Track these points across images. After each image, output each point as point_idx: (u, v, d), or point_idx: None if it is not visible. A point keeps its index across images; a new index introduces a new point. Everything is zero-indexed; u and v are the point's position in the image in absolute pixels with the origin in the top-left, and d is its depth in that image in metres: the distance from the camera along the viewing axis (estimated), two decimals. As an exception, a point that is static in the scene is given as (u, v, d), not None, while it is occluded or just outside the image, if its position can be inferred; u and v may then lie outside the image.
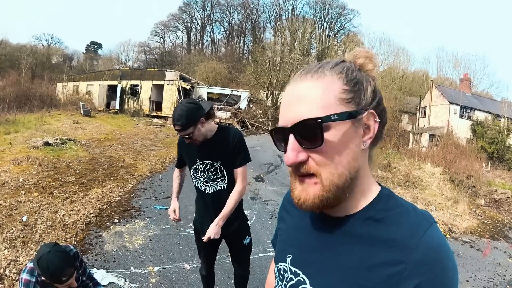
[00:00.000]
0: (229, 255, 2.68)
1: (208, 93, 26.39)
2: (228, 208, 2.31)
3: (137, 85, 25.72)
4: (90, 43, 58.93)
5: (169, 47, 57.54)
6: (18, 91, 20.55)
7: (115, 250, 4.09)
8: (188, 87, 24.84)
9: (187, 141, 2.24)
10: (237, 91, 26.72)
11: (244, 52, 56.20)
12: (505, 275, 5.31)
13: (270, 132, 0.74)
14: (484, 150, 22.07)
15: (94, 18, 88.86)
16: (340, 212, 0.72)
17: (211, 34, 58.06)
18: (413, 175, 11.97)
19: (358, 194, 0.71)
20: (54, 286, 1.93)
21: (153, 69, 29.10)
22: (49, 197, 5.62)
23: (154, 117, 23.68)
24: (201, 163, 2.33)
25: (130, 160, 9.29)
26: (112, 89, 26.24)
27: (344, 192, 0.67)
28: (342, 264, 0.68)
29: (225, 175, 2.34)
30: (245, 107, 25.11)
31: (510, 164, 22.01)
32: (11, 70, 28.20)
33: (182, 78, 25.59)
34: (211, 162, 2.31)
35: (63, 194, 5.84)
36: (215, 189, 2.36)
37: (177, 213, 2.48)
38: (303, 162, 0.67)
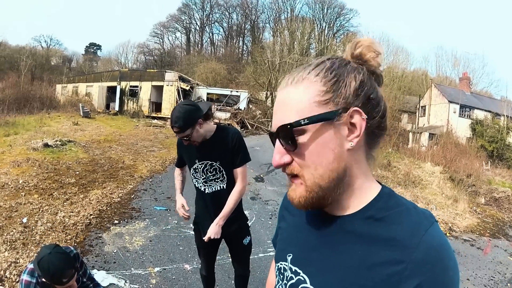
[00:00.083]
0: (229, 255, 2.68)
1: (208, 94, 26.38)
2: (228, 208, 2.31)
3: (137, 86, 25.72)
4: (89, 45, 59.00)
5: (168, 48, 57.66)
6: (18, 93, 20.53)
7: (115, 251, 4.09)
8: (188, 88, 24.85)
9: (186, 143, 2.24)
10: (237, 92, 26.72)
11: (243, 53, 56.29)
12: (506, 273, 5.31)
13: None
14: (484, 149, 22.10)
15: (93, 19, 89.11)
16: (340, 211, 0.72)
17: (210, 35, 58.20)
18: (413, 174, 11.96)
19: (354, 193, 0.70)
20: None
21: (153, 70, 29.08)
22: (49, 199, 5.61)
23: (154, 118, 23.67)
24: (200, 164, 2.33)
25: (130, 161, 9.29)
26: (112, 91, 26.24)
27: (331, 192, 0.68)
28: (343, 263, 0.68)
29: (224, 175, 2.34)
30: (245, 108, 25.11)
31: (510, 163, 22.03)
32: (11, 72, 28.26)
33: (182, 79, 25.59)
34: (210, 163, 2.31)
35: (63, 196, 5.84)
36: (215, 189, 2.36)
37: (186, 207, 2.45)
38: (288, 164, 0.70)
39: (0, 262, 3.56)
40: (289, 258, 0.79)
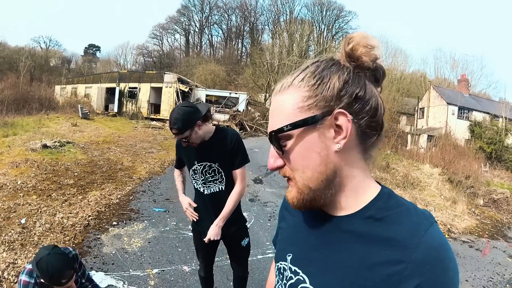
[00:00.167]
0: (228, 257, 2.68)
1: (207, 96, 26.38)
2: (228, 209, 2.31)
3: (136, 88, 25.70)
4: (89, 46, 59.04)
5: (168, 50, 57.72)
6: (17, 94, 20.53)
7: (114, 253, 4.08)
8: (187, 90, 24.85)
9: (184, 144, 2.24)
10: (236, 93, 26.73)
11: (242, 55, 56.38)
12: (505, 274, 5.32)
13: None
14: (483, 150, 22.16)
15: (93, 21, 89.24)
16: (339, 211, 0.72)
17: (209, 37, 58.31)
18: (412, 176, 11.97)
19: (350, 193, 0.70)
20: None
21: (152, 72, 29.14)
22: (48, 200, 5.60)
23: (153, 120, 23.64)
24: (199, 165, 2.33)
25: (129, 163, 9.27)
26: (111, 92, 26.25)
27: (321, 193, 0.70)
28: (342, 263, 0.68)
29: (223, 177, 2.34)
30: (244, 109, 25.11)
31: (509, 164, 22.09)
32: (10, 73, 28.25)
33: (181, 81, 25.60)
34: (209, 164, 2.31)
35: (62, 197, 5.83)
36: (213, 191, 2.36)
37: (193, 204, 2.45)
38: (281, 167, 0.73)
39: (-2, 263, 3.55)
40: (289, 258, 0.80)
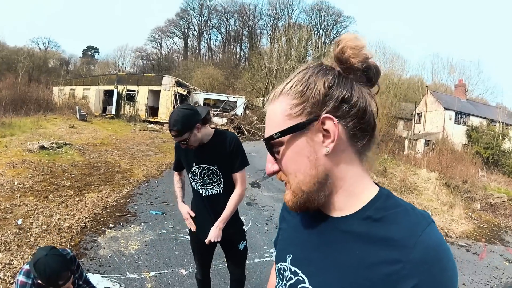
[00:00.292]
0: (225, 260, 2.68)
1: (205, 99, 26.42)
2: (228, 211, 2.32)
3: (134, 90, 25.68)
4: (87, 48, 59.03)
5: (166, 53, 57.80)
6: (15, 94, 20.49)
7: (111, 255, 4.06)
8: (185, 93, 24.87)
9: (183, 146, 2.24)
10: (234, 97, 26.80)
11: (241, 59, 56.59)
12: (502, 278, 5.33)
13: None
14: (480, 155, 22.21)
15: (92, 23, 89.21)
16: (337, 212, 0.72)
17: (208, 40, 58.48)
18: (409, 181, 12.00)
19: (346, 194, 0.71)
20: None
21: (150, 75, 29.13)
22: (44, 201, 5.57)
23: (151, 123, 23.63)
24: (198, 167, 2.33)
25: (126, 165, 9.25)
26: (109, 94, 26.21)
27: (314, 195, 0.71)
28: (341, 263, 0.68)
29: (221, 179, 2.34)
30: (242, 113, 25.16)
31: (506, 169, 22.14)
32: (8, 73, 28.19)
33: (179, 84, 25.61)
34: (208, 167, 2.31)
35: (59, 198, 5.80)
36: (212, 193, 2.36)
37: (192, 214, 2.45)
38: (277, 172, 0.76)
39: (-6, 265, 3.52)
40: (289, 259, 0.80)
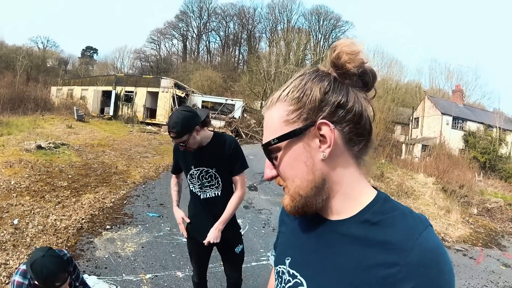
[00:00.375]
0: (222, 263, 2.67)
1: (203, 102, 26.41)
2: (228, 213, 2.32)
3: (132, 92, 25.66)
4: (86, 48, 58.95)
5: (165, 55, 57.76)
6: (13, 93, 20.37)
7: (107, 257, 4.04)
8: (183, 95, 24.86)
9: (182, 148, 2.24)
10: (232, 100, 26.82)
11: (239, 62, 56.66)
12: (499, 282, 5.35)
13: None
14: (477, 160, 22.28)
15: (91, 23, 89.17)
16: (335, 215, 0.73)
17: (207, 43, 58.50)
18: (406, 185, 12.03)
19: (344, 198, 0.71)
20: None
21: (148, 76, 29.10)
22: (41, 201, 5.55)
23: (148, 124, 23.60)
24: (196, 170, 2.32)
25: (123, 167, 9.22)
26: (107, 95, 26.16)
27: (312, 199, 0.72)
28: (339, 266, 0.68)
29: (220, 182, 2.34)
30: (239, 116, 25.15)
31: (502, 174, 22.22)
32: (6, 72, 28.00)
33: (177, 86, 25.61)
34: (206, 169, 2.31)
35: (55, 199, 5.78)
36: (209, 196, 2.36)
37: (186, 220, 2.46)
38: (276, 177, 0.77)
39: (-11, 265, 3.50)
40: (287, 262, 0.80)
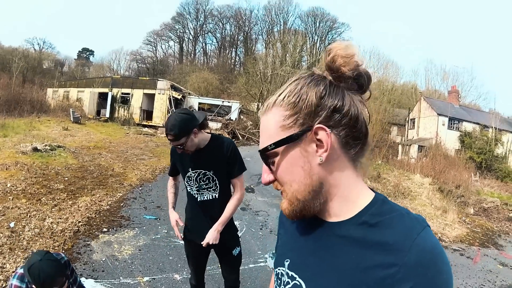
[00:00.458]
0: (219, 266, 2.67)
1: (199, 103, 26.38)
2: (227, 214, 2.32)
3: (128, 94, 25.58)
4: (82, 50, 58.75)
5: (161, 57, 57.73)
6: (8, 95, 20.20)
7: (104, 260, 4.03)
8: (180, 97, 24.82)
9: (179, 151, 2.23)
10: (228, 102, 26.81)
11: (236, 63, 56.67)
12: (496, 281, 5.37)
13: None
14: (473, 160, 22.40)
15: (87, 25, 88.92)
16: (333, 218, 0.73)
17: (203, 45, 58.53)
18: (403, 186, 12.06)
19: (341, 200, 0.72)
20: None
21: (145, 78, 29.06)
22: (37, 204, 5.52)
23: (145, 126, 23.51)
24: (194, 172, 2.32)
25: (120, 169, 9.19)
26: (103, 97, 26.06)
27: (310, 203, 0.72)
28: (337, 267, 0.68)
29: (217, 185, 2.34)
30: (236, 118, 25.17)
31: (498, 173, 22.37)
32: (2, 73, 27.85)
33: (174, 88, 25.58)
34: (204, 172, 2.31)
35: (52, 202, 5.74)
36: (207, 198, 2.36)
37: (180, 223, 2.45)
38: (274, 181, 0.77)
39: (-15, 269, 3.47)
40: (286, 263, 0.81)
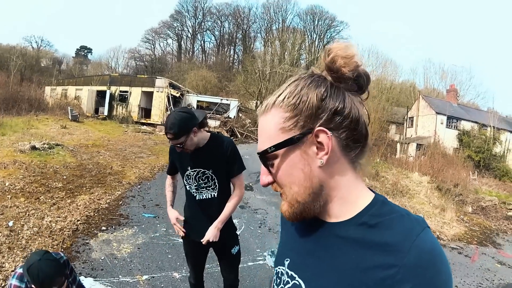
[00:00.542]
0: (218, 264, 2.67)
1: (198, 101, 26.32)
2: (227, 212, 2.33)
3: (127, 92, 25.48)
4: (80, 48, 58.58)
5: (160, 54, 57.57)
6: (6, 93, 20.09)
7: (103, 258, 4.03)
8: (178, 95, 24.76)
9: (179, 150, 2.23)
10: (227, 100, 26.74)
11: (234, 61, 56.62)
12: (494, 280, 5.39)
13: None
14: (471, 159, 22.48)
15: (85, 23, 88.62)
16: (333, 219, 0.73)
17: (202, 43, 58.42)
18: (401, 184, 12.09)
19: (341, 202, 0.72)
20: None
21: (143, 76, 28.95)
22: (36, 203, 5.50)
23: (143, 124, 23.47)
24: (193, 171, 2.32)
25: (118, 167, 9.17)
26: (101, 95, 25.98)
27: (310, 205, 0.72)
28: (337, 268, 0.68)
29: (216, 184, 2.34)
30: (235, 116, 25.11)
31: (497, 172, 22.46)
32: (0, 72, 27.74)
33: (172, 86, 25.50)
34: (203, 170, 2.31)
35: (50, 200, 5.73)
36: (206, 197, 2.36)
37: (181, 218, 2.45)
38: (272, 183, 0.76)
39: (-16, 268, 3.47)
40: (286, 263, 0.81)
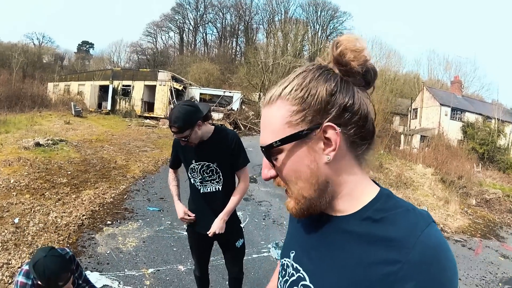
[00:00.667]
0: (223, 257, 2.69)
1: (201, 94, 26.32)
2: (233, 204, 2.34)
3: (129, 86, 25.50)
4: (82, 43, 58.43)
5: (162, 48, 57.39)
6: (9, 91, 20.19)
7: (108, 252, 4.06)
8: (181, 88, 24.75)
9: (183, 143, 2.23)
10: (230, 92, 26.71)
11: (237, 53, 56.34)
12: (497, 273, 5.39)
13: None
14: (475, 151, 22.35)
15: (86, 18, 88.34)
16: (338, 213, 0.73)
17: (204, 35, 58.12)
18: (405, 176, 12.06)
19: (346, 197, 0.71)
20: None
21: (145, 70, 28.92)
22: (41, 199, 5.55)
23: (146, 118, 23.51)
24: (197, 164, 2.32)
25: (122, 161, 9.21)
26: (104, 90, 26.00)
27: (316, 201, 0.71)
28: (340, 262, 0.68)
29: (221, 177, 2.34)
30: (238, 108, 25.11)
31: (501, 165, 22.32)
32: (2, 69, 27.76)
33: (175, 79, 25.48)
34: (207, 164, 2.31)
35: (55, 196, 5.77)
36: (210, 190, 2.36)
37: (189, 213, 2.44)
38: (275, 177, 0.75)
39: (-9, 263, 3.50)
40: (292, 255, 0.82)
